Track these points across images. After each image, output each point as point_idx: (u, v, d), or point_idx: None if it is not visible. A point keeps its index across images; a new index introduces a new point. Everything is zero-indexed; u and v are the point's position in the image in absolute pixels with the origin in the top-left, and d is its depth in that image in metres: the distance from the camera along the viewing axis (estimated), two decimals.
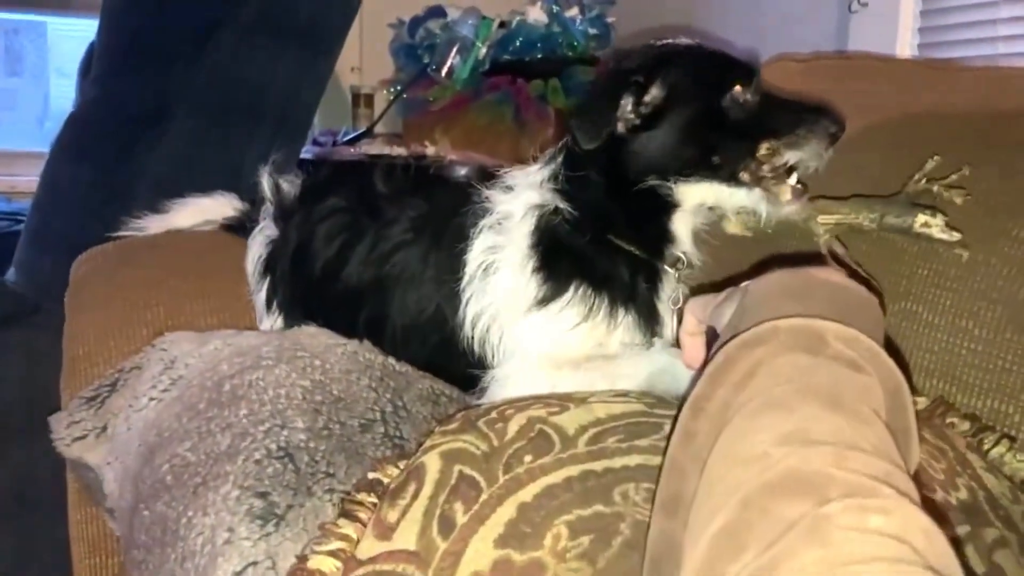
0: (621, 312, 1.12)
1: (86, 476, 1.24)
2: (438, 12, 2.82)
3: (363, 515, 0.84)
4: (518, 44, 2.68)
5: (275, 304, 1.38)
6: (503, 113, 2.59)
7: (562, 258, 1.12)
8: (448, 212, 1.21)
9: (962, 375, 1.02)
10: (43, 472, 1.47)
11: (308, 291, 1.33)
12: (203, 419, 1.02)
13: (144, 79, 2.00)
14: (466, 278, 1.16)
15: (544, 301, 1.11)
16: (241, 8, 1.99)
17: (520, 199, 1.16)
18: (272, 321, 1.38)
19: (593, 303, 1.11)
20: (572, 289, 1.11)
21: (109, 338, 1.39)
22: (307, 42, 2.12)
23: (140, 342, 1.34)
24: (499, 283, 1.14)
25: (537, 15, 2.69)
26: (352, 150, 2.71)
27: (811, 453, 0.54)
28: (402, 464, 0.88)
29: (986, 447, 0.91)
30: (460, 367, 1.16)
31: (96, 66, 2.16)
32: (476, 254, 1.16)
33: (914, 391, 1.01)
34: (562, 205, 1.12)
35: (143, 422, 1.10)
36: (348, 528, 0.83)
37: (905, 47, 1.87)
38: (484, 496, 0.75)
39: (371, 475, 0.89)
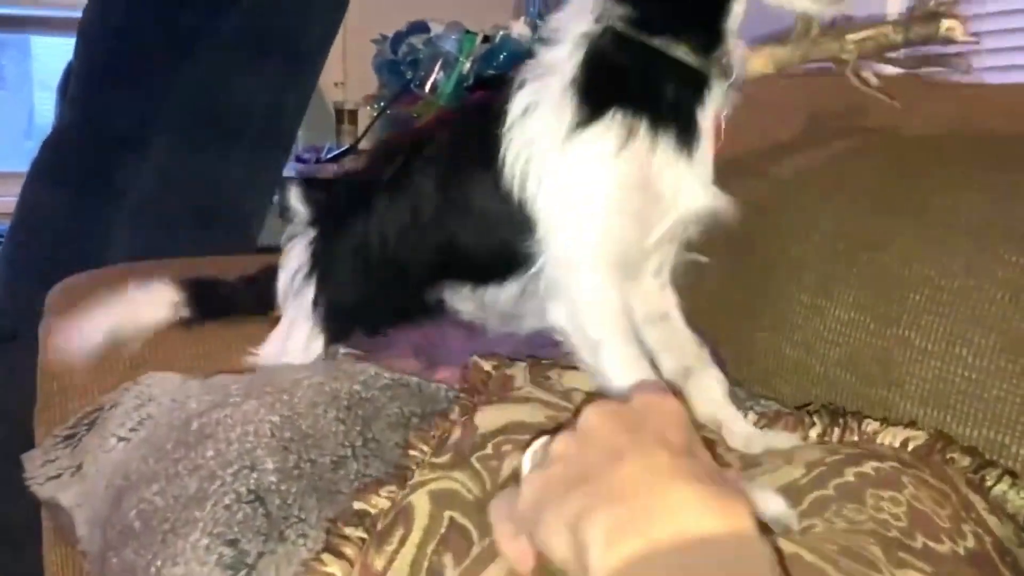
0: (662, 133, 1.04)
1: (60, 517, 1.20)
2: (421, 27, 2.80)
3: (349, 551, 0.81)
4: (502, 59, 2.65)
5: (322, 300, 1.25)
6: None
7: (604, 78, 1.04)
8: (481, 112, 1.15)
9: (957, 404, 0.99)
10: (27, 506, 1.44)
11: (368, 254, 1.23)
12: (170, 460, 0.99)
13: (122, 100, 1.97)
14: (507, 123, 1.09)
15: (580, 125, 1.03)
16: (221, 24, 1.97)
17: (567, 35, 1.08)
18: (312, 324, 1.26)
19: (632, 126, 1.02)
20: (611, 113, 1.03)
21: (84, 372, 1.35)
22: (289, 57, 2.09)
23: (117, 377, 1.30)
24: (539, 117, 1.07)
25: (521, 29, 2.66)
26: (336, 167, 2.69)
27: None
28: (384, 492, 0.85)
29: (988, 483, 0.87)
30: (514, 235, 1.08)
31: (73, 87, 2.13)
32: (518, 101, 1.09)
33: (912, 423, 0.99)
34: (618, 9, 1.03)
35: (111, 464, 1.06)
36: (334, 566, 0.80)
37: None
38: (476, 550, 0.72)
39: (356, 505, 0.85)
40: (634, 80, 1.05)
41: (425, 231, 1.18)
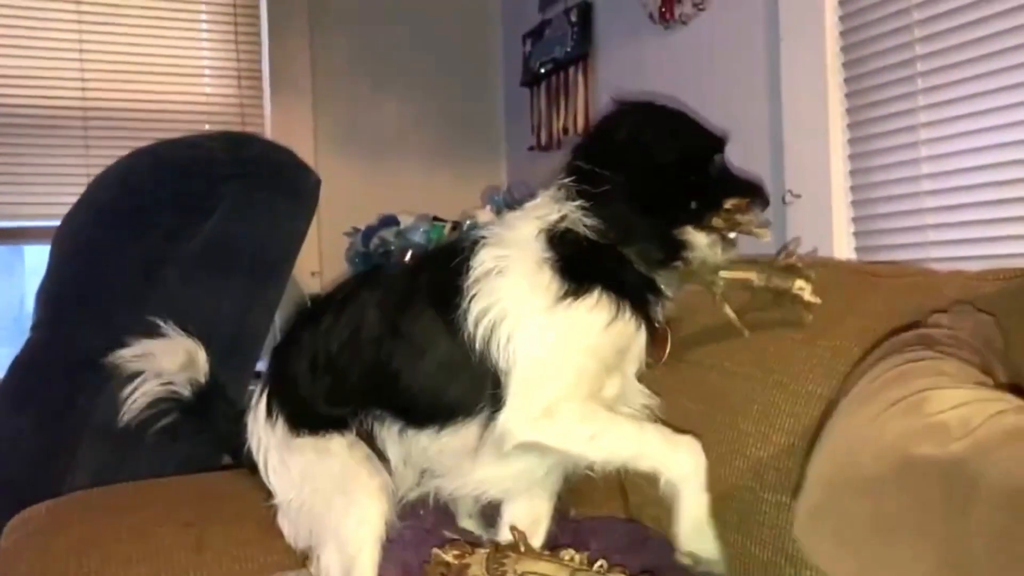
0: (639, 320, 1.20)
1: None
2: (391, 221, 2.87)
3: None
4: None
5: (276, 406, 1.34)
6: None
7: (579, 261, 1.18)
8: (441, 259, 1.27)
9: None
10: None
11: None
12: None
13: (89, 322, 1.97)
14: (471, 278, 1.18)
15: (567, 297, 1.16)
16: (183, 246, 2.00)
17: (524, 225, 1.22)
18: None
19: (619, 306, 1.17)
20: (598, 290, 1.17)
21: None
22: (253, 272, 2.12)
23: None
24: (510, 282, 1.18)
25: (487, 217, 2.73)
26: None
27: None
28: None
29: None
30: (466, 381, 1.19)
31: (42, 310, 2.14)
32: (482, 258, 1.19)
33: None
34: (582, 217, 1.19)
35: None
36: None
37: (842, 237, 1.87)
38: None
39: None
40: (602, 266, 1.19)
41: (363, 349, 1.26)
